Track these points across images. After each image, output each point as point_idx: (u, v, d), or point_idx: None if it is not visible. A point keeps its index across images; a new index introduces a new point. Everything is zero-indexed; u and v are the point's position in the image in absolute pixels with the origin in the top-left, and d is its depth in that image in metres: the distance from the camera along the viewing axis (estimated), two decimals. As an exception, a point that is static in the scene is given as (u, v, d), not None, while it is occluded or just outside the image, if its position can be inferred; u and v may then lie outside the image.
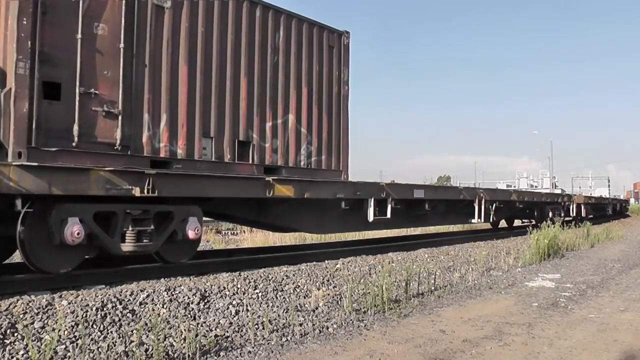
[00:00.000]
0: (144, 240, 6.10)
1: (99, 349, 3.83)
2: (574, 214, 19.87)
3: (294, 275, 6.58)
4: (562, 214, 18.76)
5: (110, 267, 6.51)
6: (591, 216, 19.97)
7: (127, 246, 5.98)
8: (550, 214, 17.36)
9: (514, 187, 55.53)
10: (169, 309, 4.84)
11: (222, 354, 4.09)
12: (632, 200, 63.78)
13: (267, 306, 5.35)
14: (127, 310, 4.63)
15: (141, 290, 5.07)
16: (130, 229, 5.99)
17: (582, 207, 21.09)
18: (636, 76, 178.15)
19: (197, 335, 4.13)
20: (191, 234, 6.59)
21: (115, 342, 4.03)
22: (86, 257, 6.10)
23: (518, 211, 16.91)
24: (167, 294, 5.11)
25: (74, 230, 5.43)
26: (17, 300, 4.51)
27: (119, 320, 4.43)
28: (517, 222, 20.20)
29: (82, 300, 4.62)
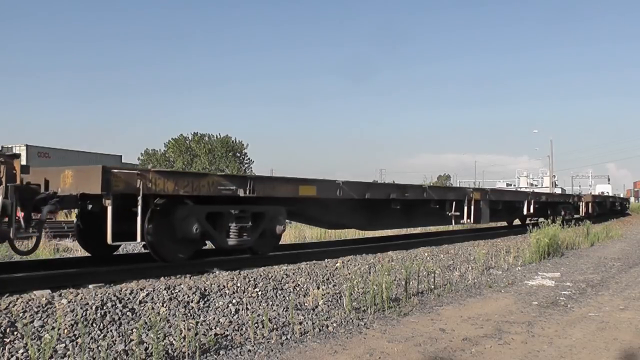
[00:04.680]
0: None
1: (99, 348, 3.83)
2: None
3: (293, 274, 6.57)
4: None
5: (110, 265, 6.50)
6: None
7: None
8: None
9: (514, 186, 55.43)
10: (169, 307, 4.84)
11: (221, 352, 4.09)
12: (632, 199, 63.86)
13: (267, 305, 5.35)
14: (127, 309, 4.62)
15: (141, 289, 5.07)
16: None
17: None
18: (636, 75, 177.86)
19: (196, 334, 4.14)
20: None
21: (115, 340, 4.03)
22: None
23: None
24: (167, 292, 5.10)
25: None
26: (17, 298, 4.50)
27: (119, 318, 4.43)
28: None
29: (81, 298, 4.61)
